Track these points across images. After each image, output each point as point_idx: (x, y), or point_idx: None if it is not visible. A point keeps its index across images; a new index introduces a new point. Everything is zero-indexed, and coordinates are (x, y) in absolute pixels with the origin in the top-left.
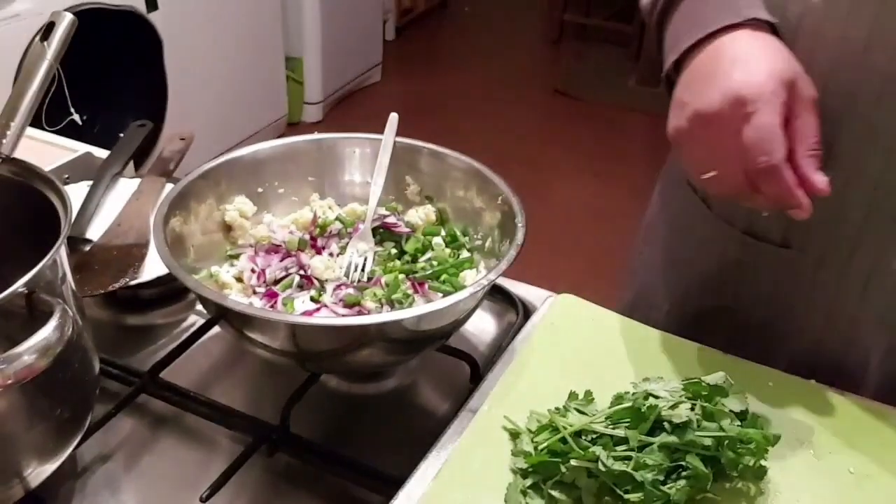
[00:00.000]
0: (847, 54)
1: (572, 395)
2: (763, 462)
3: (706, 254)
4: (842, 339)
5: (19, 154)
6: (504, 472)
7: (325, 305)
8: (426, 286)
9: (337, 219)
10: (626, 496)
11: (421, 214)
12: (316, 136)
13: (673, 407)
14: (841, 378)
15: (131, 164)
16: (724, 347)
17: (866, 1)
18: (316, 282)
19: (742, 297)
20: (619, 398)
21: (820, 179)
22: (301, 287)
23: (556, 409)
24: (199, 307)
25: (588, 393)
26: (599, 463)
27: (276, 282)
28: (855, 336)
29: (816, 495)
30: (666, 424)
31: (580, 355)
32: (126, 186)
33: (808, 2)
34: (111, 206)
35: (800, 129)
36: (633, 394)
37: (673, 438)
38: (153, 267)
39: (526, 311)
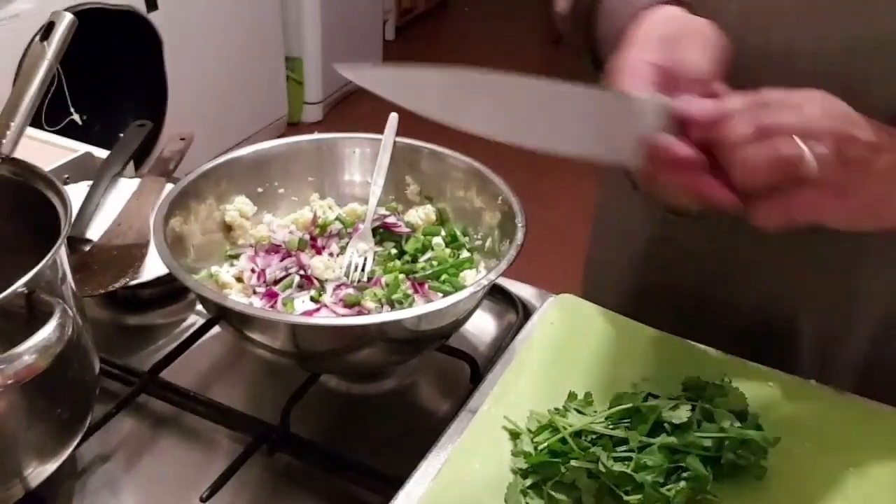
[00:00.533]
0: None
1: (571, 396)
2: (763, 462)
3: (641, 232)
4: (764, 302)
5: (19, 154)
6: (504, 472)
7: (325, 305)
8: (426, 286)
9: (337, 219)
10: (626, 497)
11: (421, 214)
12: (316, 136)
13: (673, 408)
14: (773, 346)
15: (131, 164)
16: (669, 324)
17: None
18: (316, 282)
19: (676, 272)
20: (618, 398)
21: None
22: (301, 287)
23: (556, 409)
24: (199, 307)
25: (587, 395)
26: (599, 464)
27: (276, 282)
28: (777, 295)
29: (816, 495)
30: (666, 425)
31: (580, 355)
32: (126, 186)
33: None
34: (111, 206)
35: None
36: (633, 394)
37: (672, 439)
38: (153, 267)
39: (526, 311)
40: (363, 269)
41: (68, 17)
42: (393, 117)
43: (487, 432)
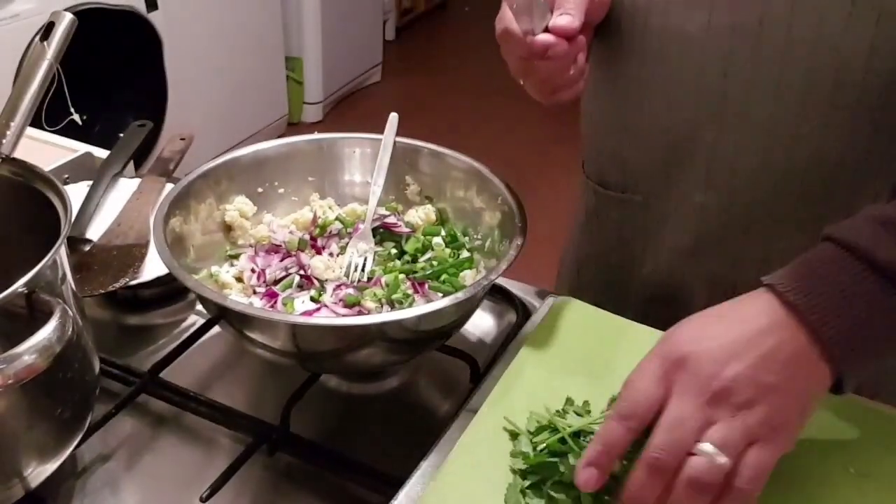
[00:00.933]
0: (638, 11)
1: (569, 401)
2: None
3: (581, 207)
4: (669, 273)
5: (19, 154)
6: (504, 472)
7: (325, 305)
8: (426, 286)
9: (337, 219)
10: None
11: (421, 214)
12: (316, 135)
13: None
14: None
15: (131, 164)
16: (597, 296)
17: None
18: (316, 282)
19: (601, 243)
20: (616, 399)
21: (560, 23)
22: (301, 287)
23: (557, 411)
24: (199, 307)
25: (586, 403)
26: None
27: (276, 282)
28: (677, 268)
29: (815, 496)
30: None
31: (579, 357)
32: (126, 186)
33: None
34: (111, 206)
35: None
36: None
37: None
38: (153, 267)
39: (526, 311)
40: (363, 269)
41: (68, 17)
42: (393, 117)
43: (487, 434)
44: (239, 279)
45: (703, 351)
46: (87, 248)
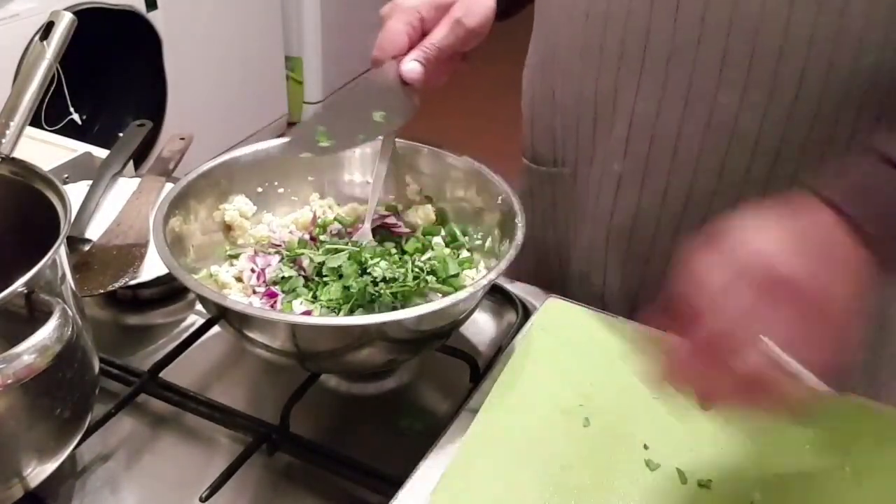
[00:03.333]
0: None
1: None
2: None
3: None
4: (591, 250)
5: (19, 153)
6: (504, 475)
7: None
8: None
9: (336, 219)
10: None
11: (421, 214)
12: None
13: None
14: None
15: (131, 163)
16: (533, 279)
17: None
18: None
19: (537, 226)
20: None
21: (404, 68)
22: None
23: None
24: (199, 307)
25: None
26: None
27: (276, 282)
28: (598, 245)
29: (811, 494)
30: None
31: (576, 357)
32: (126, 186)
33: None
34: (111, 206)
35: (426, 38)
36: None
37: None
38: (153, 267)
39: (526, 311)
40: None
41: (68, 16)
42: None
43: (486, 439)
44: (239, 279)
45: (769, 249)
46: (87, 247)
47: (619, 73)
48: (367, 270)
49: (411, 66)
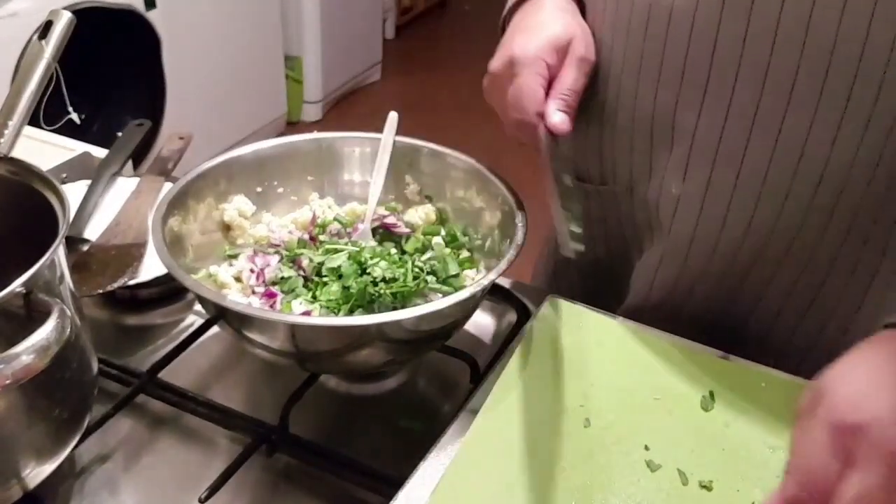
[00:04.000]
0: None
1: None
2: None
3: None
4: (678, 262)
5: (17, 153)
6: (504, 475)
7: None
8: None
9: (335, 219)
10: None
11: (421, 214)
12: (315, 135)
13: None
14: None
15: (130, 163)
16: (579, 293)
17: None
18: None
19: (588, 231)
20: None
21: (554, 121)
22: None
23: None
24: (198, 307)
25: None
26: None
27: (275, 282)
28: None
29: None
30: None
31: (576, 357)
32: (124, 186)
33: None
34: (109, 206)
35: (557, 82)
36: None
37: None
38: (152, 267)
39: (526, 311)
40: None
41: (67, 15)
42: (392, 116)
43: (486, 439)
44: (238, 279)
45: (877, 416)
46: (86, 247)
47: (680, 91)
48: (367, 270)
49: (561, 118)
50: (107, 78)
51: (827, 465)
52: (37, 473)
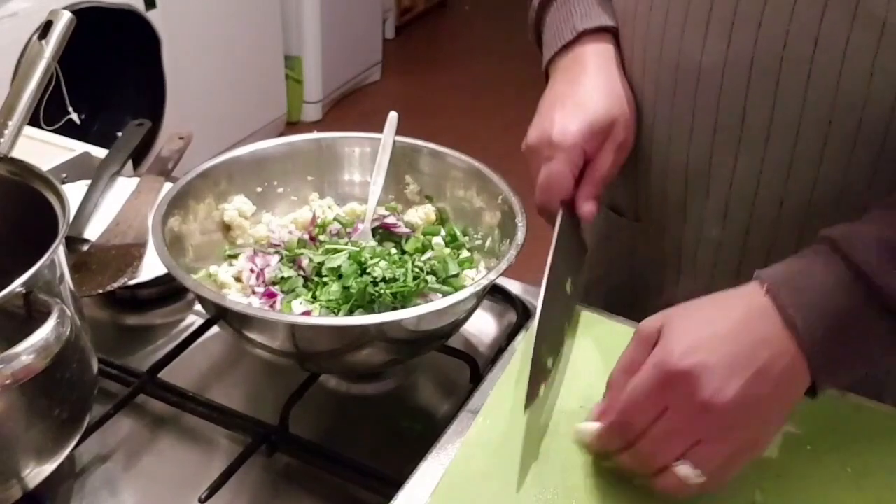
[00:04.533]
0: (651, 41)
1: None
2: None
3: (591, 230)
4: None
5: (17, 153)
6: (503, 476)
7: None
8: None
9: (335, 219)
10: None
11: (421, 214)
12: (315, 135)
13: None
14: None
15: (130, 163)
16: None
17: None
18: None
19: (613, 267)
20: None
21: (583, 211)
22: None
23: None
24: (198, 307)
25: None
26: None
27: (275, 282)
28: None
29: (813, 495)
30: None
31: (576, 357)
32: (124, 186)
33: None
34: (109, 206)
35: (593, 168)
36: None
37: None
38: (152, 267)
39: (526, 311)
40: None
41: (67, 15)
42: (392, 116)
43: (486, 439)
44: (238, 279)
45: (702, 367)
46: (86, 247)
47: (713, 145)
48: (367, 270)
49: (591, 208)
50: (107, 78)
51: (647, 401)
52: (37, 473)
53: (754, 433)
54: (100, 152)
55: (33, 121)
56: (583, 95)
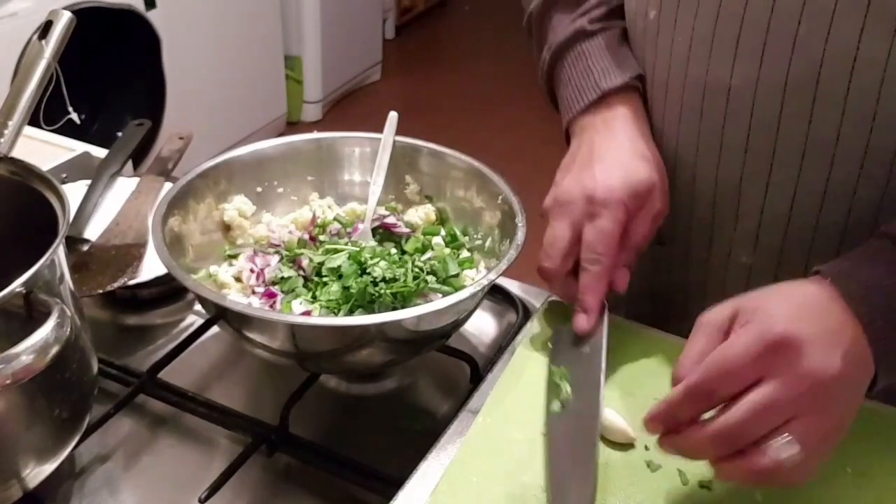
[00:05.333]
0: (675, 62)
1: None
2: None
3: None
4: None
5: (17, 153)
6: (504, 476)
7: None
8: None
9: (335, 219)
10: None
11: (421, 214)
12: (315, 135)
13: None
14: None
15: (130, 163)
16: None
17: (687, 9)
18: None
19: (632, 290)
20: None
21: (620, 281)
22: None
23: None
24: (198, 307)
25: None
26: None
27: (275, 282)
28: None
29: (813, 495)
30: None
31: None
32: (124, 186)
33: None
34: (109, 206)
35: (631, 234)
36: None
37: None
38: (152, 267)
39: (526, 311)
40: None
41: (67, 15)
42: (392, 116)
43: (484, 445)
44: (238, 279)
45: (807, 335)
46: (86, 247)
47: (744, 167)
48: (367, 270)
49: (626, 277)
50: (107, 78)
51: (745, 367)
52: (37, 473)
53: (849, 411)
54: (100, 152)
55: (33, 121)
56: (622, 157)
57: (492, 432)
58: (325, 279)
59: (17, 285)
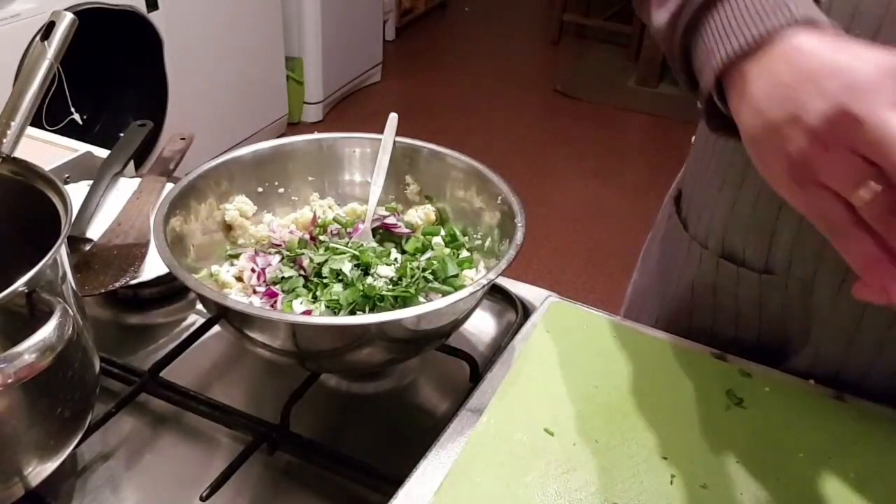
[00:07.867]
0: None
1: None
2: None
3: (683, 275)
4: (839, 356)
5: (20, 153)
6: (506, 476)
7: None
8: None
9: (335, 219)
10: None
11: (421, 214)
12: (316, 135)
13: None
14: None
15: (132, 163)
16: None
17: None
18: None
19: (718, 319)
20: None
21: None
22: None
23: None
24: (200, 306)
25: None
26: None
27: (276, 281)
28: (851, 352)
29: (816, 500)
30: None
31: (578, 359)
32: (126, 186)
33: None
34: (111, 206)
35: None
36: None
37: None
38: (153, 266)
39: (526, 311)
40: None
41: (69, 16)
42: (393, 117)
43: (485, 447)
44: (239, 279)
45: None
46: (88, 247)
47: None
48: (370, 273)
49: None
50: (109, 79)
51: None
52: (39, 472)
53: None
54: (102, 153)
55: (36, 121)
56: (838, 51)
57: (494, 432)
58: (325, 280)
59: (19, 285)
